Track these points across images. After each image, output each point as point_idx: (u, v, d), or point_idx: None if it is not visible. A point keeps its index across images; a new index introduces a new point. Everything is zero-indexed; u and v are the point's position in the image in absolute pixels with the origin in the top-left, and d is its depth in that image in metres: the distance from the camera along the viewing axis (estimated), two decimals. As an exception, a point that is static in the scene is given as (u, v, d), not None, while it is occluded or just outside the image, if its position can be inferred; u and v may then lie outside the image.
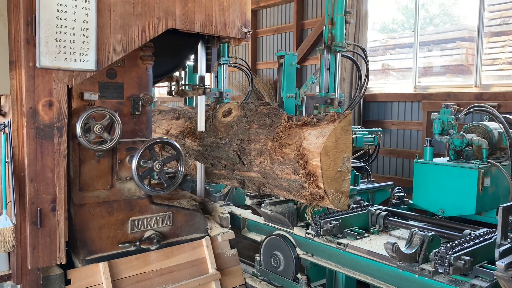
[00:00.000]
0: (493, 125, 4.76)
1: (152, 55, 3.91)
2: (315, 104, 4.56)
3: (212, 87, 6.67)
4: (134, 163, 3.68)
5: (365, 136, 4.76)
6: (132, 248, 3.82)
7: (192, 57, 4.86)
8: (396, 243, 3.10)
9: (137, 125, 3.91)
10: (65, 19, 3.16)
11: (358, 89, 5.39)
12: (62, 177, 3.29)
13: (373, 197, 5.28)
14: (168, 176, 4.01)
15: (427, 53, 8.10)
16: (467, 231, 3.53)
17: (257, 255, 4.45)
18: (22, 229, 3.24)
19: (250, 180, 4.27)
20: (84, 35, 3.26)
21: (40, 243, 3.24)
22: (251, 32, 4.31)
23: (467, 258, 2.88)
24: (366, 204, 4.37)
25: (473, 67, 7.21)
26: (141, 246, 3.87)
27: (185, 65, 5.52)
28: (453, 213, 4.26)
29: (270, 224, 4.43)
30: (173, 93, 5.04)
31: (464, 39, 7.68)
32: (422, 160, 4.53)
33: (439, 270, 2.96)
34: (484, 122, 4.92)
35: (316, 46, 9.15)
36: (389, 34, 9.10)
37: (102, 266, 3.61)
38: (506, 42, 7.04)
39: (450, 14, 8.32)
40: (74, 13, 3.20)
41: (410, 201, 4.86)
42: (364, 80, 5.30)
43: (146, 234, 3.92)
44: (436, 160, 4.51)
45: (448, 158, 4.57)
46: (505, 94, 6.58)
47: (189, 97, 6.30)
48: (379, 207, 4.23)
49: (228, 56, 6.64)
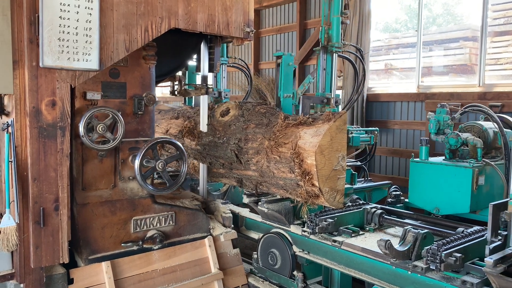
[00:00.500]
0: (489, 125, 4.79)
1: (155, 55, 3.91)
2: (311, 104, 4.60)
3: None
4: (137, 162, 3.68)
5: (361, 136, 4.79)
6: (135, 248, 3.83)
7: (195, 56, 4.87)
8: (389, 240, 3.14)
9: (139, 125, 3.91)
10: (68, 18, 3.17)
11: (355, 89, 5.45)
12: (65, 176, 3.30)
13: (370, 196, 5.29)
14: (170, 176, 4.01)
15: (430, 53, 8.07)
16: (460, 229, 3.56)
17: (255, 253, 4.49)
18: (25, 228, 3.25)
19: (247, 179, 4.29)
20: (87, 35, 3.26)
21: (43, 242, 3.25)
22: (253, 32, 4.31)
23: (458, 255, 2.92)
24: (362, 202, 4.40)
25: (477, 66, 7.17)
26: (144, 246, 3.87)
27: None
28: (448, 212, 4.31)
29: (267, 222, 4.46)
30: (176, 92, 5.05)
31: (467, 38, 7.64)
32: (417, 159, 4.57)
33: (430, 267, 3.01)
34: (479, 122, 4.95)
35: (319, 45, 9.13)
36: (392, 33, 9.07)
37: (105, 266, 3.62)
38: (510, 42, 7.01)
39: (453, 14, 8.29)
40: (77, 12, 3.21)
41: (406, 200, 4.89)
42: (361, 80, 5.37)
43: (149, 234, 3.92)
44: (431, 159, 4.55)
45: (443, 157, 4.60)
46: (509, 94, 6.54)
47: (188, 97, 6.31)
48: (374, 205, 4.26)
49: (227, 56, 6.66)
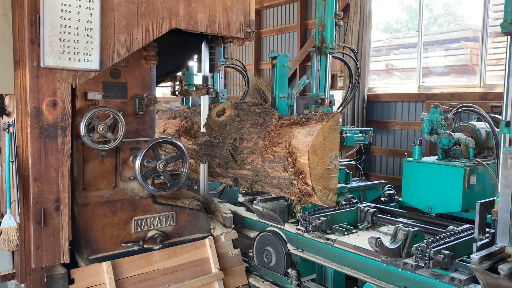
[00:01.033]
0: (481, 125, 4.85)
1: (155, 55, 3.91)
2: (306, 104, 4.65)
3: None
4: (137, 162, 3.68)
5: (356, 135, 4.83)
6: (136, 248, 3.83)
7: (196, 57, 4.87)
8: (379, 238, 3.19)
9: (140, 125, 3.92)
10: (69, 19, 3.17)
11: (349, 89, 5.51)
12: (66, 176, 3.30)
13: (364, 195, 5.33)
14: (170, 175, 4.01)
15: (431, 53, 8.06)
16: (450, 227, 3.61)
17: (250, 251, 4.52)
18: (26, 228, 3.25)
19: (243, 178, 4.34)
20: (88, 35, 3.27)
21: (43, 242, 3.25)
22: (254, 32, 4.32)
23: (447, 252, 2.97)
24: (355, 201, 4.44)
25: (478, 67, 7.16)
26: (144, 246, 3.87)
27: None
28: (440, 210, 4.36)
29: (263, 220, 4.51)
30: (177, 93, 5.05)
31: (468, 39, 7.64)
32: (410, 159, 4.63)
33: (420, 264, 3.06)
34: (472, 122, 5.01)
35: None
36: (393, 34, 9.07)
37: (106, 266, 3.62)
38: (511, 42, 7.00)
39: (454, 14, 8.28)
40: (78, 13, 3.21)
41: (400, 199, 4.94)
42: (355, 81, 5.43)
43: (150, 234, 3.92)
44: (424, 158, 4.60)
45: (436, 157, 4.67)
46: (510, 94, 6.54)
47: (186, 97, 6.33)
48: (368, 204, 4.32)
49: (224, 57, 6.68)
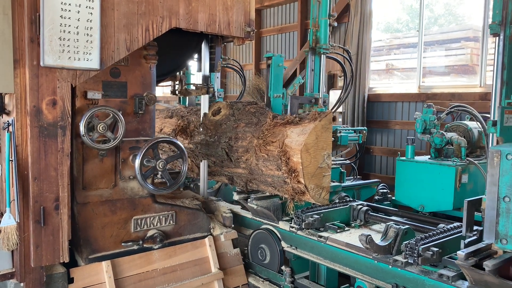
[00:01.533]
0: (473, 124, 4.89)
1: (155, 54, 3.91)
2: (300, 104, 4.66)
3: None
4: (137, 162, 3.68)
5: (350, 135, 4.86)
6: (135, 247, 3.83)
7: (196, 56, 4.87)
8: (369, 235, 3.23)
9: (140, 124, 3.91)
10: (69, 18, 3.17)
11: (343, 89, 5.56)
12: (66, 175, 3.30)
13: (358, 193, 5.35)
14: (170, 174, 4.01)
15: (431, 53, 8.05)
16: (441, 225, 3.65)
17: (245, 248, 4.53)
18: (26, 227, 3.25)
19: (238, 176, 4.37)
20: (88, 34, 3.26)
21: (43, 241, 3.25)
22: (254, 32, 4.32)
23: (435, 249, 3.01)
24: (349, 199, 4.48)
25: (478, 67, 7.16)
26: (144, 245, 3.87)
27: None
28: (432, 209, 4.41)
29: (258, 218, 4.53)
30: (177, 92, 5.05)
31: (469, 39, 7.63)
32: (403, 158, 4.68)
33: (409, 261, 3.10)
34: (464, 122, 5.05)
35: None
36: (394, 34, 9.06)
37: (105, 265, 3.62)
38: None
39: (455, 14, 8.28)
40: (78, 12, 3.20)
41: (393, 198, 4.97)
42: (349, 81, 5.48)
43: (149, 233, 3.92)
44: (416, 158, 4.65)
45: (429, 156, 4.72)
46: (510, 95, 6.53)
47: (183, 97, 6.34)
48: (361, 202, 4.35)
49: (221, 57, 6.68)
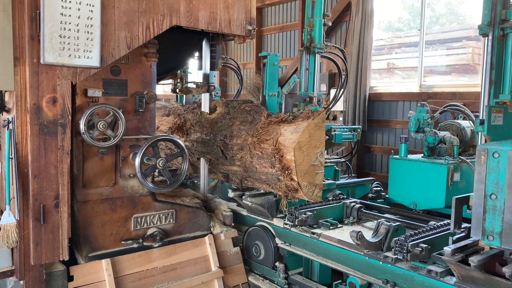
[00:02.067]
0: (466, 123, 4.94)
1: (156, 52, 3.90)
2: (295, 102, 4.69)
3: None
4: (137, 160, 3.68)
5: (344, 133, 4.88)
6: (135, 245, 3.83)
7: (196, 54, 4.86)
8: (360, 232, 3.28)
9: (140, 122, 3.91)
10: (70, 15, 3.16)
11: (338, 88, 5.59)
12: (66, 173, 3.29)
13: (353, 191, 5.38)
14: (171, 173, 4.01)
15: (432, 52, 8.04)
16: (432, 222, 3.68)
17: (240, 245, 4.56)
18: (25, 225, 3.25)
19: (233, 174, 4.41)
20: (88, 32, 3.25)
21: (43, 239, 3.25)
22: (255, 30, 4.31)
23: (424, 245, 3.05)
24: (343, 197, 4.50)
25: (479, 66, 7.15)
26: (144, 243, 3.87)
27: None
28: (424, 207, 4.46)
29: (253, 215, 4.56)
30: (177, 90, 5.05)
31: (470, 38, 7.61)
32: (397, 156, 4.73)
33: (399, 257, 3.14)
34: (458, 121, 5.09)
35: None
36: (395, 33, 9.04)
37: (105, 263, 3.62)
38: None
39: (456, 13, 8.26)
40: (79, 9, 3.20)
41: (387, 196, 5.00)
42: (344, 80, 5.50)
43: (149, 231, 3.92)
44: (410, 156, 4.71)
45: (422, 155, 4.78)
46: (511, 94, 6.52)
47: (180, 95, 6.35)
48: (354, 200, 4.38)
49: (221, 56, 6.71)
